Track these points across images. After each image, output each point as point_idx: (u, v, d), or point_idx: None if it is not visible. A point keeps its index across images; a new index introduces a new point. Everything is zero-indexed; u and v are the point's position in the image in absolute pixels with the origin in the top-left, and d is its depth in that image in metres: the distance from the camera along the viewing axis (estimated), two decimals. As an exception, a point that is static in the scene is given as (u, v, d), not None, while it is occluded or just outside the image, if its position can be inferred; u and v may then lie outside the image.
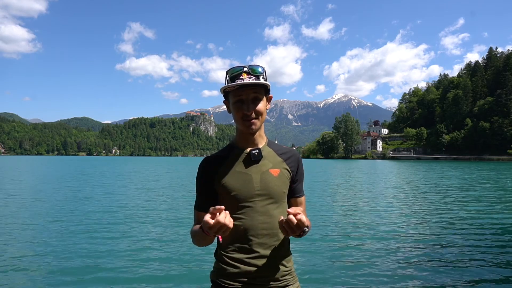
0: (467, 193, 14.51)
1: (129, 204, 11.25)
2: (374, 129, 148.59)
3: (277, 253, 1.40)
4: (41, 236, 6.73)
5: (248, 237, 1.35)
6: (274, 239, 1.39)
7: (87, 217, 8.72)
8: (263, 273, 1.37)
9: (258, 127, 1.41)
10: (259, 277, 1.37)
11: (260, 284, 1.37)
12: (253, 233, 1.36)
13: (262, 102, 1.40)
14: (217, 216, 1.16)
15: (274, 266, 1.39)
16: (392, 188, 16.98)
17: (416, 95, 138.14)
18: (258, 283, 1.37)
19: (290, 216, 1.20)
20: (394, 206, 10.95)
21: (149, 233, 7.06)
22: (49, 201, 11.78)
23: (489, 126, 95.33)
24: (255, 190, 1.39)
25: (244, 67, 1.38)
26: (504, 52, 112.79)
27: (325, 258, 5.39)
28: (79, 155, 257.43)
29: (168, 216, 9.01)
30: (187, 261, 5.25)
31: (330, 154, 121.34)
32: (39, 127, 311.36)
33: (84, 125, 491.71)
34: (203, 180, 1.44)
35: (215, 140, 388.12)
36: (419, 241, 6.54)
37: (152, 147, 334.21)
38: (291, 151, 1.54)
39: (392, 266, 5.02)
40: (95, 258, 5.34)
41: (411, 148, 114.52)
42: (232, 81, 1.37)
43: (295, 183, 1.51)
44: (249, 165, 1.42)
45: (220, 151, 1.50)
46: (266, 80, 1.40)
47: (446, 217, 8.92)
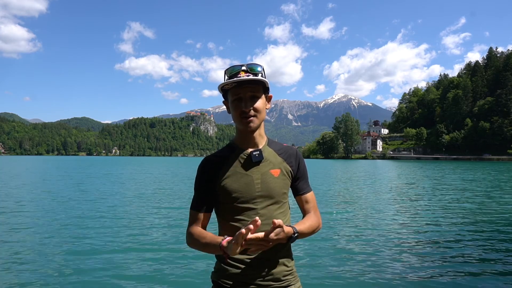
0: (473, 193, 14.51)
1: (129, 204, 11.25)
2: (374, 129, 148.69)
3: (278, 254, 1.40)
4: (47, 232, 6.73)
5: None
6: None
7: (87, 217, 8.72)
8: (264, 274, 1.37)
9: (256, 125, 1.39)
10: (260, 277, 1.37)
11: (261, 284, 1.37)
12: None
13: (261, 100, 1.39)
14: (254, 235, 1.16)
15: (276, 267, 1.39)
16: (394, 188, 16.96)
17: (416, 95, 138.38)
18: (260, 284, 1.37)
19: (271, 233, 1.20)
20: (395, 206, 10.94)
21: (149, 233, 7.05)
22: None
23: (489, 126, 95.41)
24: (256, 192, 1.39)
25: (242, 66, 1.37)
26: (504, 52, 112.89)
27: (327, 258, 5.38)
28: (79, 155, 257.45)
29: (168, 216, 9.01)
30: (188, 261, 5.24)
31: (330, 154, 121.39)
32: (39, 127, 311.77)
33: (84, 125, 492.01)
34: (203, 180, 1.43)
35: (215, 140, 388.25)
36: (422, 241, 6.52)
37: (152, 147, 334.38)
38: (290, 149, 1.53)
39: (393, 266, 5.01)
40: (95, 258, 5.33)
41: (411, 148, 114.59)
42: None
43: (298, 180, 1.51)
44: (250, 167, 1.42)
45: (220, 151, 1.49)
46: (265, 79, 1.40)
47: (455, 218, 8.91)
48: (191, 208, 1.47)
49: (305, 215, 1.52)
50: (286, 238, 1.27)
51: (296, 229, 1.33)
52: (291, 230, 1.31)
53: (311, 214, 1.51)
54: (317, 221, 1.49)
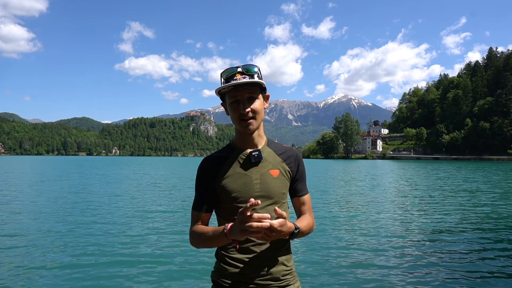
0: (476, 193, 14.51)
1: (129, 204, 11.25)
2: (374, 129, 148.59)
3: (278, 253, 1.41)
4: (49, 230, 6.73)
5: (249, 238, 1.32)
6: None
7: (86, 216, 8.72)
8: (263, 273, 1.38)
9: (256, 126, 1.40)
10: (259, 276, 1.37)
11: (260, 283, 1.37)
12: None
13: (258, 101, 1.39)
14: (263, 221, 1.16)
15: (275, 266, 1.39)
16: (394, 188, 16.96)
17: (416, 95, 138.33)
18: (259, 283, 1.37)
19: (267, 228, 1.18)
20: (396, 206, 10.94)
21: (149, 233, 7.05)
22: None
23: (489, 126, 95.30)
24: (255, 192, 1.40)
25: (238, 68, 1.37)
26: (504, 52, 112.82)
27: (326, 257, 5.39)
28: (79, 155, 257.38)
29: (168, 216, 9.01)
30: (188, 261, 5.25)
31: (330, 154, 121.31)
32: (39, 127, 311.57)
33: (84, 125, 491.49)
34: (203, 180, 1.44)
35: (215, 140, 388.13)
36: (423, 241, 6.53)
37: (152, 147, 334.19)
38: (290, 150, 1.53)
39: (393, 266, 5.01)
40: (94, 258, 5.33)
41: (411, 148, 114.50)
42: (227, 82, 1.36)
43: (296, 182, 1.52)
44: (249, 167, 1.42)
45: (220, 151, 1.49)
46: (262, 79, 1.39)
47: (454, 217, 8.92)
48: (192, 209, 1.48)
49: (300, 216, 1.54)
50: (288, 233, 1.28)
51: (298, 226, 1.36)
52: (293, 225, 1.33)
53: (307, 215, 1.52)
54: (313, 222, 1.51)
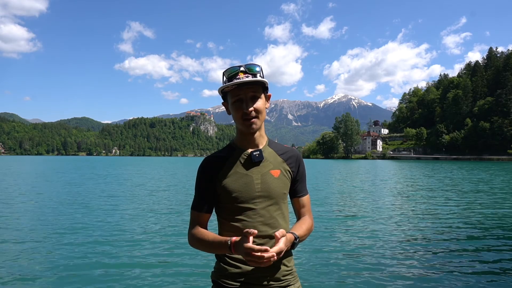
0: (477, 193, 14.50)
1: (128, 204, 11.25)
2: (374, 129, 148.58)
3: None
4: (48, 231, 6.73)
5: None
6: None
7: (86, 216, 8.72)
8: (264, 273, 1.38)
9: (258, 126, 1.41)
10: (260, 277, 1.38)
11: (261, 284, 1.38)
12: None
13: (261, 100, 1.40)
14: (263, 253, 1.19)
15: (275, 266, 1.38)
16: (395, 188, 16.97)
17: (416, 95, 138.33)
18: (259, 283, 1.38)
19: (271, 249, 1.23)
20: (396, 206, 10.95)
21: (149, 233, 7.06)
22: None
23: (489, 126, 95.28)
24: (255, 192, 1.40)
25: (241, 67, 1.38)
26: (504, 52, 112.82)
27: (326, 258, 5.40)
28: (79, 155, 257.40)
29: (168, 216, 9.01)
30: (188, 261, 5.24)
31: (330, 154, 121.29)
32: (39, 127, 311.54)
33: (84, 125, 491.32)
34: (204, 180, 1.44)
35: (215, 140, 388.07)
36: (423, 241, 6.53)
37: (152, 147, 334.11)
38: (291, 150, 1.53)
39: (393, 266, 5.01)
40: (94, 258, 5.34)
41: (411, 148, 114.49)
42: (230, 81, 1.37)
43: (296, 183, 1.52)
44: (250, 167, 1.42)
45: (221, 151, 1.49)
46: (264, 79, 1.40)
47: (456, 217, 8.91)
48: (192, 209, 1.48)
49: (300, 217, 1.54)
50: (289, 246, 1.33)
51: (297, 235, 1.36)
52: (292, 236, 1.34)
53: (306, 217, 1.53)
54: (312, 224, 1.52)
